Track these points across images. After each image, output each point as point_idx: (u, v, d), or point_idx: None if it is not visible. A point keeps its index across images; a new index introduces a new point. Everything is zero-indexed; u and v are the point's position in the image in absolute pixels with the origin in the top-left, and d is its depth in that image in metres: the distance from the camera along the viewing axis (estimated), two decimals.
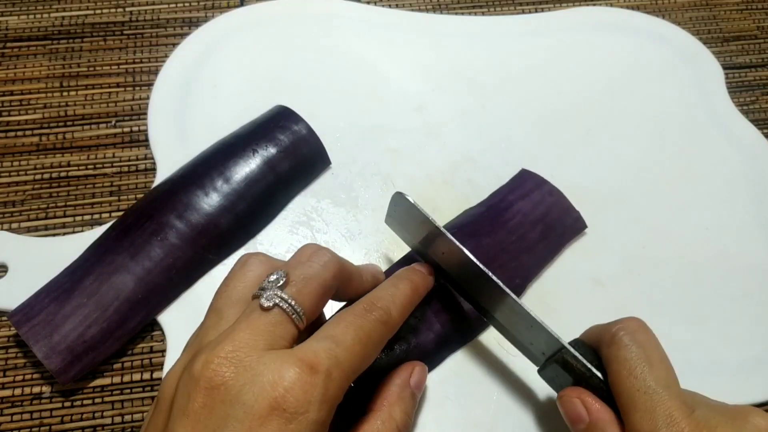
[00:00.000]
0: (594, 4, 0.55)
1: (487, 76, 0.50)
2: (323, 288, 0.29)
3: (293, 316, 0.27)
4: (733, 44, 0.54)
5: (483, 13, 0.54)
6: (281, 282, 0.28)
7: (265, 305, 0.27)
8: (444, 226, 0.38)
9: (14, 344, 0.39)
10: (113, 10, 0.52)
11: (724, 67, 0.52)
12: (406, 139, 0.46)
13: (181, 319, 0.39)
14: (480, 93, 0.49)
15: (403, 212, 0.37)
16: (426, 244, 0.37)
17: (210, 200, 0.40)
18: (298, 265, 0.30)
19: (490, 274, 0.34)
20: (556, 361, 0.33)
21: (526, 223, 0.41)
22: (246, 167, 0.42)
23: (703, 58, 0.52)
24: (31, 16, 0.51)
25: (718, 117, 0.49)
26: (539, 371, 0.35)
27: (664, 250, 0.43)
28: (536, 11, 0.55)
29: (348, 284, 0.32)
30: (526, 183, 0.43)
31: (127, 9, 0.52)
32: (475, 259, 0.34)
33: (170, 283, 0.39)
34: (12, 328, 0.39)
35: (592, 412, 0.31)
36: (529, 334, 0.34)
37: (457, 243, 0.35)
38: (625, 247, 0.43)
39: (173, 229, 0.39)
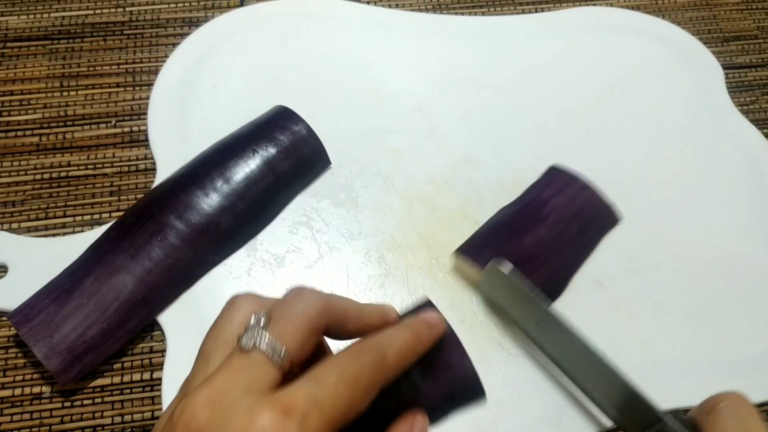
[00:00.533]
0: (594, 4, 0.55)
1: (487, 77, 0.50)
2: (307, 326, 0.28)
3: (273, 357, 0.27)
4: (733, 44, 0.54)
5: (483, 13, 0.54)
6: (262, 322, 0.28)
7: (245, 347, 0.27)
8: (484, 227, 0.40)
9: (14, 344, 0.39)
10: (113, 10, 0.52)
11: (724, 67, 0.52)
12: (406, 140, 0.46)
13: (180, 320, 0.39)
14: (480, 93, 0.49)
15: (498, 286, 0.37)
16: (519, 313, 0.37)
17: (210, 200, 0.40)
18: (281, 304, 0.29)
19: (592, 347, 0.34)
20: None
21: (564, 218, 0.42)
22: (246, 167, 0.42)
23: (703, 58, 0.52)
24: (31, 16, 0.51)
25: (718, 117, 0.49)
26: None
27: (663, 250, 0.43)
28: (536, 11, 0.55)
29: (345, 321, 0.31)
30: (558, 179, 0.44)
31: (127, 9, 0.52)
32: (591, 347, 0.34)
33: (170, 284, 0.39)
34: (12, 328, 0.39)
35: None
36: (626, 406, 0.34)
37: (568, 326, 0.35)
38: (625, 247, 0.43)
39: (173, 229, 0.39)
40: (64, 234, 0.43)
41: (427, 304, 0.37)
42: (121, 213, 0.43)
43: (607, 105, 0.49)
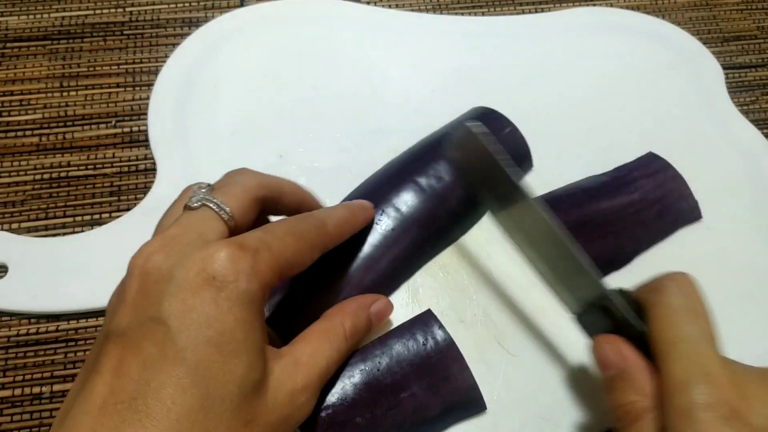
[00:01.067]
0: (594, 4, 0.55)
1: (488, 77, 0.50)
2: (247, 192, 0.31)
3: (221, 212, 0.29)
4: (733, 44, 0.54)
5: (483, 14, 0.54)
6: (204, 189, 0.30)
7: (192, 205, 0.29)
8: (567, 186, 0.42)
9: (14, 344, 0.39)
10: (113, 10, 0.52)
11: (724, 67, 0.52)
12: (406, 140, 0.46)
13: None
14: (480, 94, 0.49)
15: (471, 150, 0.37)
16: (490, 181, 0.37)
17: (425, 196, 0.41)
18: (223, 179, 0.32)
19: (548, 217, 0.34)
20: (598, 308, 0.33)
21: (646, 199, 0.42)
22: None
23: (702, 58, 0.52)
24: (31, 16, 0.51)
25: (718, 117, 0.49)
26: (575, 318, 0.35)
27: (663, 250, 0.43)
28: (536, 11, 0.55)
29: (281, 194, 0.33)
30: (652, 164, 0.44)
31: (127, 9, 0.52)
32: (530, 195, 0.34)
33: (392, 275, 0.40)
34: (12, 328, 0.39)
35: (625, 359, 0.31)
36: (571, 279, 0.34)
37: (510, 175, 0.34)
38: None
39: (394, 219, 0.40)
40: (64, 234, 0.43)
41: (428, 315, 0.37)
42: (121, 213, 0.43)
43: (606, 105, 0.49)
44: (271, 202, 0.33)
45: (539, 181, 0.45)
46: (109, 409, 0.24)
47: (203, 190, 0.30)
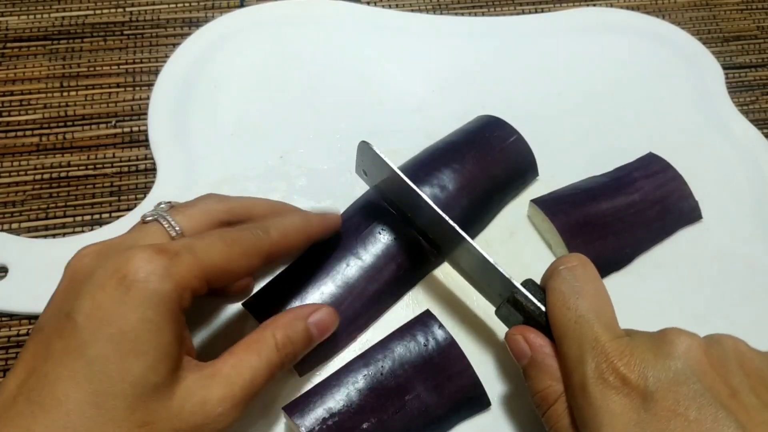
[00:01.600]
0: (594, 5, 0.55)
1: (487, 77, 0.50)
2: (207, 215, 0.31)
3: (169, 228, 0.30)
4: (733, 44, 0.54)
5: (483, 14, 0.54)
6: (164, 206, 0.31)
7: (146, 219, 0.30)
8: (568, 187, 0.43)
9: (14, 344, 0.39)
10: (113, 10, 0.52)
11: (724, 67, 0.52)
12: (406, 141, 0.46)
13: None
14: (480, 94, 0.49)
15: (369, 162, 0.38)
16: (391, 191, 0.38)
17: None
18: (188, 201, 0.33)
19: (445, 216, 0.35)
20: (508, 301, 0.34)
21: (646, 200, 0.43)
22: (464, 173, 0.42)
23: (702, 58, 0.52)
24: (31, 16, 0.51)
25: (718, 117, 0.49)
26: (496, 312, 0.36)
27: (663, 250, 0.43)
28: (536, 11, 0.55)
29: (251, 218, 0.33)
30: (652, 164, 0.45)
31: (127, 9, 0.52)
32: (431, 202, 0.35)
33: (396, 284, 0.40)
34: (12, 328, 0.39)
35: (533, 347, 0.32)
36: (485, 276, 0.36)
37: (414, 186, 0.36)
38: None
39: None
40: (64, 234, 0.43)
41: (427, 315, 0.37)
42: (121, 213, 0.43)
43: (607, 106, 0.49)
44: (240, 221, 0.33)
45: (539, 181, 0.45)
46: (13, 401, 0.25)
47: (162, 206, 0.31)
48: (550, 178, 0.45)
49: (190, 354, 0.29)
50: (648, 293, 0.42)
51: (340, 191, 0.44)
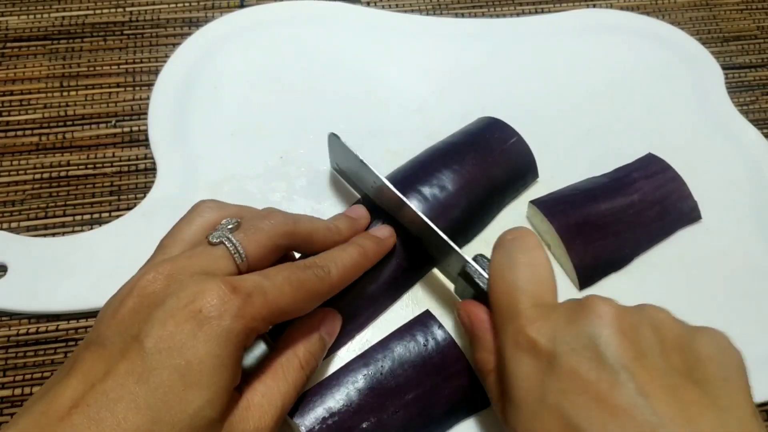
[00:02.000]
0: (594, 5, 0.55)
1: (487, 78, 0.50)
2: (271, 241, 0.31)
3: (235, 255, 0.29)
4: (733, 44, 0.54)
5: (483, 14, 0.54)
6: (231, 226, 0.31)
7: (212, 241, 0.30)
8: (567, 188, 0.43)
9: (14, 344, 0.39)
10: (113, 10, 0.52)
11: (724, 67, 0.52)
12: (406, 141, 0.46)
13: None
14: (480, 95, 0.49)
15: (340, 154, 0.39)
16: (359, 180, 0.40)
17: (425, 206, 0.40)
18: (252, 216, 0.32)
19: (404, 199, 0.36)
20: (460, 275, 0.35)
21: (646, 200, 0.43)
22: (464, 174, 0.42)
23: (702, 59, 0.52)
24: (31, 16, 0.51)
25: (718, 118, 0.49)
26: (455, 290, 0.37)
27: (663, 251, 0.43)
28: (536, 12, 0.55)
29: (311, 242, 0.34)
30: (651, 165, 0.45)
31: (127, 9, 0.52)
32: (393, 188, 0.37)
33: (394, 285, 0.40)
34: (12, 328, 0.39)
35: (473, 321, 0.33)
36: (445, 256, 0.37)
37: (377, 173, 0.37)
38: None
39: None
40: (64, 234, 0.43)
41: (427, 315, 0.37)
42: (121, 213, 0.43)
43: (606, 106, 0.49)
44: (300, 248, 0.34)
45: (539, 182, 0.45)
46: (68, 413, 0.25)
47: (229, 227, 0.31)
48: (550, 179, 0.45)
49: (238, 387, 0.29)
50: (647, 293, 0.42)
51: (340, 192, 0.44)
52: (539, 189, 0.45)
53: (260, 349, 0.33)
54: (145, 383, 0.25)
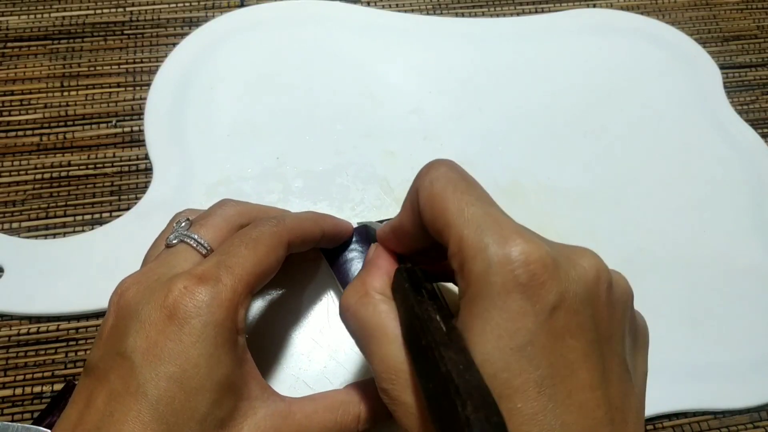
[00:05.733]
0: (593, 5, 0.55)
1: (485, 78, 0.50)
2: (227, 221, 0.31)
3: (198, 247, 0.30)
4: (732, 44, 0.54)
5: (482, 14, 0.54)
6: (184, 224, 0.31)
7: (170, 243, 0.30)
8: None
9: (14, 344, 0.40)
10: (113, 10, 0.52)
11: (724, 67, 0.52)
12: (402, 142, 0.46)
13: None
14: (477, 95, 0.49)
15: None
16: None
17: None
18: (204, 212, 0.33)
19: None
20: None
21: None
22: None
23: (701, 60, 0.52)
24: (31, 16, 0.52)
25: (716, 119, 0.49)
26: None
27: (661, 252, 0.43)
28: (535, 12, 0.54)
29: (264, 211, 0.34)
30: None
31: (128, 9, 0.52)
32: None
33: None
34: (12, 328, 0.40)
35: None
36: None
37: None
38: (621, 249, 0.43)
39: None
40: (65, 234, 0.43)
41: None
42: (121, 213, 0.44)
43: (604, 107, 0.49)
44: (255, 219, 0.33)
45: (537, 182, 0.45)
46: None
47: (182, 225, 0.31)
48: (547, 180, 0.45)
49: (255, 376, 0.29)
50: (646, 294, 0.42)
51: (337, 193, 0.44)
52: (539, 189, 0.45)
53: None
54: (144, 398, 0.25)
